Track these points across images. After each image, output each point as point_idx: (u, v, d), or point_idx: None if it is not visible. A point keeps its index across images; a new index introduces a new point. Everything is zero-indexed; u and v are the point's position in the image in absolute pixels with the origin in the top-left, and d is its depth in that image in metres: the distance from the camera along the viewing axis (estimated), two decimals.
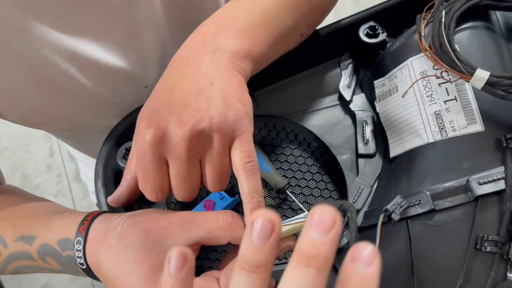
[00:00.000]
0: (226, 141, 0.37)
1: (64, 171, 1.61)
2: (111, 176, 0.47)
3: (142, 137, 0.35)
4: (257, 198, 0.36)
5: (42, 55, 0.42)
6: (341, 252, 0.46)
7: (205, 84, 0.36)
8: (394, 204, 0.38)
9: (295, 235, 0.41)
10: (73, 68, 0.45)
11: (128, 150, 0.46)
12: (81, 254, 0.38)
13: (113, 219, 0.39)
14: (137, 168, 0.38)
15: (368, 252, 0.22)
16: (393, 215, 0.39)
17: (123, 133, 0.48)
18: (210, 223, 0.36)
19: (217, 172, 0.37)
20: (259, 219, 0.23)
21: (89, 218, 0.39)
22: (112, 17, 0.44)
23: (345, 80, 0.55)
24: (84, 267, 0.38)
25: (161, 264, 0.35)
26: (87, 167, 0.81)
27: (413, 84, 0.45)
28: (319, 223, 0.22)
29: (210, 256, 0.47)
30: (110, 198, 0.43)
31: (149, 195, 0.38)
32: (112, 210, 0.45)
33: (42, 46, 0.42)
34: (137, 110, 0.50)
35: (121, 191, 0.42)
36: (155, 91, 0.38)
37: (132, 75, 0.50)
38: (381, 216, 0.30)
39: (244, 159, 0.36)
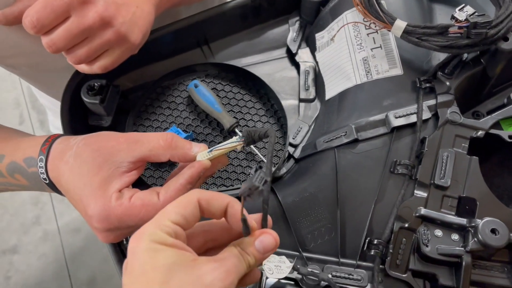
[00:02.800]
0: None
1: None
2: (75, 109, 0.52)
3: None
4: None
5: None
6: (279, 180, 0.52)
7: None
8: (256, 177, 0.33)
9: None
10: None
11: (91, 86, 0.51)
12: (43, 170, 0.43)
13: (70, 140, 0.43)
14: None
15: None
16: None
17: None
18: (152, 143, 0.41)
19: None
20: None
21: (50, 140, 0.44)
22: None
23: (292, 35, 0.61)
24: (47, 181, 0.43)
25: (110, 178, 0.40)
26: (55, 118, 0.85)
27: (342, 26, 0.52)
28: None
29: (154, 175, 0.53)
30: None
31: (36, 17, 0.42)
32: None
33: None
34: None
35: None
36: None
37: None
38: (242, 199, 0.33)
39: None
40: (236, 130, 0.55)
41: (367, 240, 0.45)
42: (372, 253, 0.44)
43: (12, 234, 1.44)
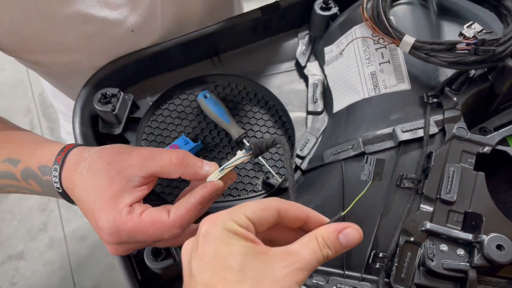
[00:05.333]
0: None
1: None
2: (87, 117, 0.53)
3: None
4: None
5: None
6: (286, 191, 0.53)
7: None
8: None
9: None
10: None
11: (103, 95, 0.52)
12: (57, 180, 0.43)
13: (84, 152, 0.44)
14: None
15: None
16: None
17: (101, 80, 0.54)
18: (164, 159, 0.41)
19: None
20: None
21: (66, 150, 0.45)
22: None
23: (301, 48, 0.62)
24: (60, 191, 0.44)
25: (121, 191, 0.40)
26: (67, 122, 0.86)
27: (351, 41, 0.53)
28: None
29: (171, 185, 0.54)
30: None
31: None
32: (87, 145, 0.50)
33: None
34: (117, 60, 0.57)
35: None
36: None
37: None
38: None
39: None
40: (244, 141, 0.55)
41: (372, 253, 0.45)
42: (377, 266, 0.44)
43: (19, 240, 1.46)
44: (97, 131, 0.54)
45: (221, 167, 0.42)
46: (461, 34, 0.47)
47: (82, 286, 1.39)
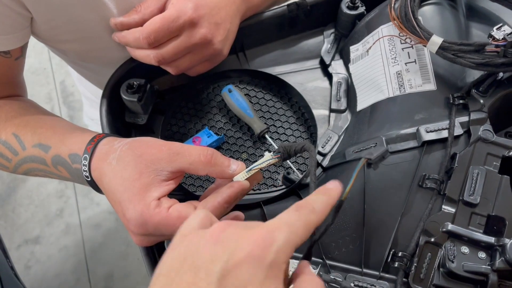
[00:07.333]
0: None
1: None
2: (114, 106, 0.54)
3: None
4: None
5: None
6: (307, 187, 0.53)
7: None
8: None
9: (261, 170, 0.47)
10: None
11: (130, 85, 0.53)
12: (86, 169, 0.44)
13: (114, 143, 0.45)
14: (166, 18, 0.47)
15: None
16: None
17: (129, 70, 0.55)
18: (193, 156, 0.41)
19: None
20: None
21: (96, 139, 0.45)
22: None
23: (326, 46, 0.62)
24: (89, 179, 0.45)
25: (149, 184, 0.41)
26: (91, 107, 0.88)
27: (378, 39, 0.53)
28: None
29: (193, 176, 0.55)
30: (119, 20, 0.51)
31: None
32: (114, 134, 0.51)
33: None
34: None
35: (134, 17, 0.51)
36: None
37: None
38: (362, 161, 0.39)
39: None
40: (266, 136, 0.56)
41: (391, 252, 0.45)
42: (395, 265, 0.44)
43: (35, 225, 1.48)
44: (123, 120, 0.55)
45: (249, 168, 0.43)
46: (490, 36, 0.47)
47: (95, 273, 1.41)
